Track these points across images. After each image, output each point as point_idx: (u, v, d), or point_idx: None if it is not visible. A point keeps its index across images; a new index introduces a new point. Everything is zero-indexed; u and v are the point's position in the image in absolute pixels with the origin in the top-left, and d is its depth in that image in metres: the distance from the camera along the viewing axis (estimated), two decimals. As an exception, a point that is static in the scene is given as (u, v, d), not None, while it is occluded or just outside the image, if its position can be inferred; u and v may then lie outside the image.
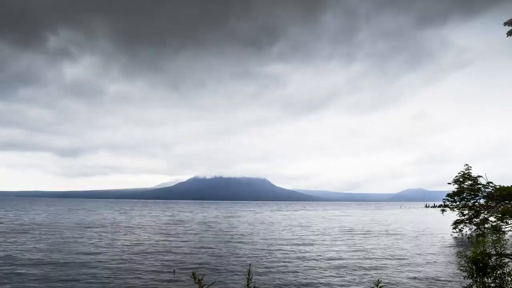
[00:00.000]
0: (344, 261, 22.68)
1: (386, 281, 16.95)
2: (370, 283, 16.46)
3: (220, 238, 34.72)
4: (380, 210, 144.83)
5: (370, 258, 23.70)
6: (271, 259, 22.98)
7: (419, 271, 19.58)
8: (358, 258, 23.68)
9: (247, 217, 75.45)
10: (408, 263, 22.03)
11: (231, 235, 38.07)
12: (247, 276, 4.97)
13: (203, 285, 4.69)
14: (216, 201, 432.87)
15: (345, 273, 18.96)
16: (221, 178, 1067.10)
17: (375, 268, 20.36)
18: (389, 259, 23.61)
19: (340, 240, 34.10)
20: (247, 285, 4.91)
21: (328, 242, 32.70)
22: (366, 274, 18.74)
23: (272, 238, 35.13)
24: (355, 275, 18.64)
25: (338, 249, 27.90)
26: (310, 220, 68.72)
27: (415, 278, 18.01)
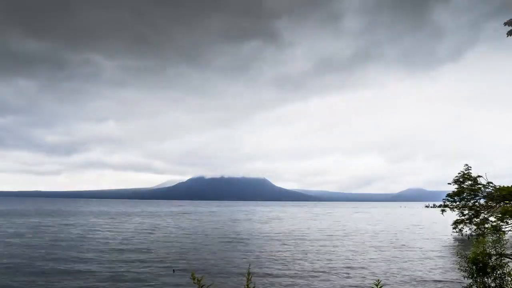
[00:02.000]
0: (345, 260, 22.68)
1: (386, 281, 16.94)
2: (370, 283, 16.45)
3: (220, 238, 34.72)
4: (378, 210, 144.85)
5: (370, 258, 23.71)
6: (272, 259, 22.98)
7: (419, 271, 19.57)
8: (358, 258, 23.68)
9: (248, 217, 75.45)
10: (408, 263, 22.01)
11: (231, 234, 38.07)
12: (247, 276, 4.95)
13: (202, 286, 4.68)
14: (216, 201, 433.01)
15: (345, 273, 18.97)
16: (221, 178, 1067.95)
17: (375, 268, 20.36)
18: (389, 258, 23.61)
19: (337, 240, 34.09)
20: (247, 285, 4.90)
21: (326, 242, 32.70)
22: (366, 274, 18.74)
23: (272, 237, 35.14)
24: (355, 275, 18.64)
25: (338, 249, 27.90)
26: (311, 219, 68.77)
27: (414, 278, 18.00)
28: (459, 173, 40.34)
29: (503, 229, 33.40)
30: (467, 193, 39.25)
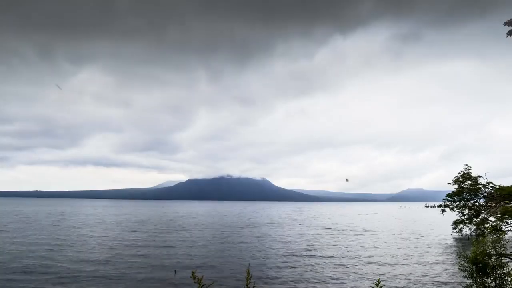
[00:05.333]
0: (345, 260, 22.68)
1: (386, 281, 16.94)
2: (371, 282, 16.47)
3: (221, 238, 34.72)
4: (378, 210, 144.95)
5: (371, 258, 23.71)
6: (271, 258, 22.98)
7: (419, 271, 19.57)
8: (359, 258, 23.68)
9: (247, 217, 75.47)
10: (408, 263, 22.02)
11: (232, 234, 38.07)
12: (247, 276, 4.96)
13: (203, 285, 4.69)
14: (216, 201, 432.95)
15: (346, 272, 18.96)
16: (220, 178, 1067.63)
17: (375, 268, 20.36)
18: (389, 259, 23.61)
19: (340, 239, 34.08)
20: (247, 285, 4.91)
21: (327, 239, 32.70)
22: (366, 274, 18.74)
23: (271, 237, 35.14)
24: (355, 274, 18.63)
25: (339, 249, 27.89)
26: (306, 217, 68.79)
27: (415, 277, 18.00)
28: (459, 173, 40.42)
29: (503, 229, 33.46)
30: (467, 193, 39.29)
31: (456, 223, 39.97)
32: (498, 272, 9.81)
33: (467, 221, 39.14)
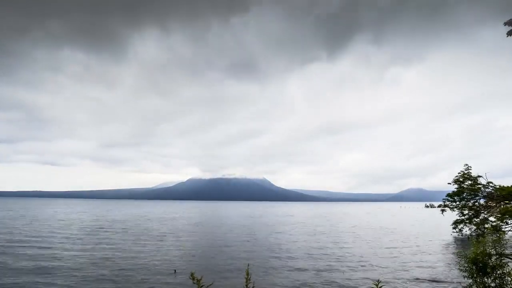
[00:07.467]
0: (345, 260, 22.67)
1: (386, 281, 16.93)
2: (370, 282, 16.46)
3: (221, 238, 34.72)
4: (378, 210, 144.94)
5: (370, 258, 23.70)
6: (271, 259, 22.97)
7: (419, 271, 19.56)
8: (359, 258, 23.67)
9: (246, 217, 75.49)
10: (408, 263, 22.01)
11: (232, 234, 38.07)
12: (246, 276, 4.95)
13: (202, 285, 4.67)
14: (216, 202, 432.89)
15: (345, 272, 18.95)
16: (220, 178, 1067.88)
17: (375, 268, 20.35)
18: (389, 259, 23.61)
19: (340, 240, 34.09)
20: (246, 285, 4.90)
21: (323, 240, 32.70)
22: (366, 274, 18.73)
23: (271, 237, 35.14)
24: (355, 274, 18.62)
25: (339, 249, 27.89)
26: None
27: (415, 278, 17.99)
28: (459, 173, 40.45)
29: (503, 229, 33.45)
30: (467, 193, 39.31)
31: (456, 223, 40.00)
32: (498, 272, 9.81)
33: (467, 221, 39.15)
